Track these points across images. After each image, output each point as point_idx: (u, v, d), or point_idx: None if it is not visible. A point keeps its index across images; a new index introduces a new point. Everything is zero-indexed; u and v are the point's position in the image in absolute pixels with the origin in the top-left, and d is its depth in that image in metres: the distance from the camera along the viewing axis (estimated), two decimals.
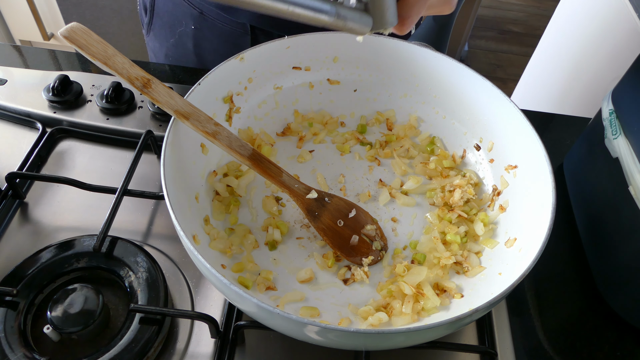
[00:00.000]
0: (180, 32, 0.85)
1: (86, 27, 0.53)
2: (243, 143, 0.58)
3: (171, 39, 0.88)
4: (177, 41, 0.88)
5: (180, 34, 0.86)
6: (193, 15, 0.82)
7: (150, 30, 0.92)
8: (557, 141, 0.84)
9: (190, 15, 0.82)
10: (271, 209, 0.64)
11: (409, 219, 0.65)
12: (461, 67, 0.65)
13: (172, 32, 0.87)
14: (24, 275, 0.55)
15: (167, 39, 0.89)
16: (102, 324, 0.53)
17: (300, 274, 0.58)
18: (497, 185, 0.64)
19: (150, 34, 0.93)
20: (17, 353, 0.50)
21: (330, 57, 0.69)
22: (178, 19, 0.85)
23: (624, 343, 0.61)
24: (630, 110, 0.61)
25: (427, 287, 0.56)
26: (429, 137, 0.72)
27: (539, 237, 0.50)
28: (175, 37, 0.87)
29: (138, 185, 0.67)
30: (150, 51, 0.97)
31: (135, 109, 0.76)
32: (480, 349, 0.57)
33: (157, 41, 0.92)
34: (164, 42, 0.90)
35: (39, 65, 0.87)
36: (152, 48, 0.96)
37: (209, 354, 0.55)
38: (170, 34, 0.88)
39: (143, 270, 0.57)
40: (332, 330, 0.43)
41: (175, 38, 0.87)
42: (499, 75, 2.58)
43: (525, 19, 2.91)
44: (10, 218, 0.65)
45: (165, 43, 0.90)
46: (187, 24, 0.84)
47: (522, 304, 0.63)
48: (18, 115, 0.75)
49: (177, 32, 0.86)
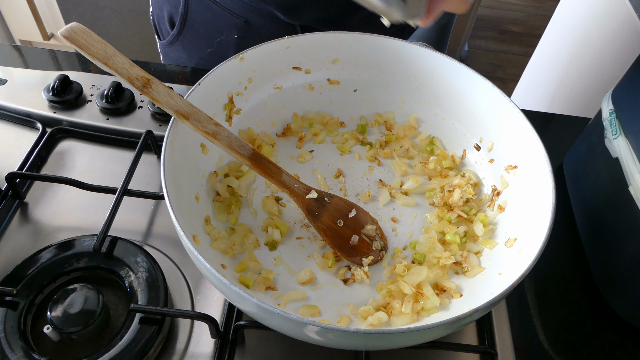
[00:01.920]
0: (220, 41, 0.85)
1: (86, 27, 0.53)
2: (243, 143, 0.58)
3: (208, 49, 0.87)
4: (214, 51, 0.87)
5: (219, 43, 0.85)
6: (237, 24, 0.82)
7: (176, 41, 0.90)
8: (557, 141, 0.84)
9: (234, 25, 0.82)
10: (271, 209, 0.64)
11: (409, 219, 0.65)
12: (461, 67, 0.64)
13: (208, 42, 0.86)
14: (24, 275, 0.55)
15: (201, 48, 0.88)
16: (102, 324, 0.53)
17: (300, 275, 0.58)
18: (496, 186, 0.64)
19: (176, 44, 0.91)
20: (17, 353, 0.50)
21: (330, 57, 0.69)
22: (218, 29, 0.84)
23: (624, 343, 0.61)
24: (630, 110, 0.61)
25: (427, 287, 0.56)
26: (429, 138, 0.72)
27: (539, 237, 0.50)
28: (214, 47, 0.86)
29: (138, 185, 0.67)
30: (171, 61, 0.96)
31: (135, 109, 0.76)
32: (480, 349, 0.57)
33: (186, 52, 0.91)
34: (197, 52, 0.89)
35: (39, 65, 0.87)
36: (175, 59, 0.94)
37: (209, 354, 0.55)
38: (206, 44, 0.87)
39: (143, 270, 0.57)
40: (332, 330, 0.43)
41: (212, 48, 0.87)
42: (499, 75, 2.58)
43: (525, 19, 2.91)
44: (10, 218, 0.65)
45: (198, 53, 0.89)
46: (229, 33, 0.83)
47: (522, 304, 0.63)
48: (18, 115, 0.75)
49: (216, 42, 0.85)
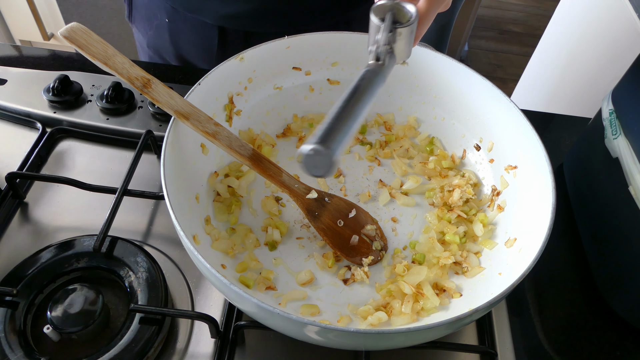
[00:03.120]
0: (157, 24, 0.87)
1: (86, 27, 0.53)
2: (243, 143, 0.58)
3: (149, 30, 0.90)
4: (155, 33, 0.89)
5: (157, 26, 0.88)
6: (166, 8, 0.84)
7: (132, 22, 0.94)
8: (557, 141, 0.84)
9: (164, 8, 0.84)
10: (271, 209, 0.64)
11: (409, 219, 0.65)
12: (461, 67, 0.64)
13: (149, 25, 0.89)
14: (24, 275, 0.55)
15: (146, 30, 0.91)
16: (102, 324, 0.53)
17: (300, 276, 0.58)
18: (496, 186, 0.64)
19: (133, 25, 0.95)
20: (17, 353, 0.50)
21: (330, 57, 0.69)
22: (153, 11, 0.86)
23: (624, 343, 0.61)
24: (630, 110, 0.61)
25: (426, 287, 0.56)
26: (428, 138, 0.72)
27: (539, 237, 0.50)
28: (153, 29, 0.89)
29: (138, 185, 0.67)
30: (137, 42, 0.99)
31: (135, 109, 0.76)
32: (480, 349, 0.57)
33: (139, 32, 0.94)
34: (145, 34, 0.92)
35: (39, 65, 0.87)
36: (137, 39, 0.98)
37: (209, 354, 0.55)
38: (148, 26, 0.90)
39: (143, 270, 0.57)
40: (332, 330, 0.43)
41: (153, 30, 0.89)
42: (499, 75, 2.58)
43: (525, 19, 2.91)
44: (10, 218, 0.65)
45: (145, 35, 0.92)
46: (161, 17, 0.86)
47: (522, 304, 0.63)
48: (18, 115, 0.75)
49: (154, 24, 0.88)
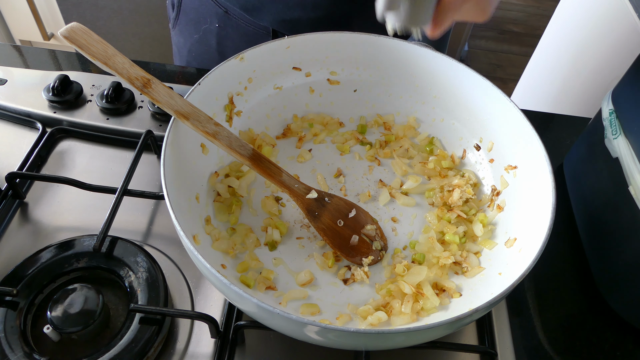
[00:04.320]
0: (205, 29, 0.87)
1: (86, 27, 0.53)
2: (243, 143, 0.58)
3: (195, 35, 0.90)
4: (201, 38, 0.89)
5: (205, 31, 0.87)
6: (218, 13, 0.84)
7: (176, 26, 0.94)
8: (557, 141, 0.84)
9: (216, 13, 0.84)
10: (271, 209, 0.64)
11: (409, 219, 0.65)
12: (461, 67, 0.64)
13: (196, 29, 0.89)
14: (24, 275, 0.55)
15: (191, 35, 0.91)
16: (102, 324, 0.53)
17: (300, 277, 0.58)
18: (496, 186, 0.64)
19: (175, 29, 0.95)
20: (17, 353, 0.50)
21: (330, 57, 0.69)
22: (203, 16, 0.86)
23: (624, 343, 0.61)
24: (630, 110, 0.61)
25: (426, 287, 0.56)
26: (428, 138, 0.72)
27: (539, 237, 0.50)
28: (200, 33, 0.89)
29: (138, 185, 0.67)
30: (175, 46, 0.99)
31: (135, 109, 0.76)
32: (480, 349, 0.57)
33: (182, 37, 0.93)
34: (189, 38, 0.92)
35: (39, 65, 0.87)
36: (176, 43, 0.97)
37: (209, 354, 0.55)
38: (194, 30, 0.89)
39: (143, 270, 0.57)
40: (332, 330, 0.43)
41: (199, 34, 0.89)
42: (499, 75, 2.57)
43: (525, 19, 2.91)
44: (10, 218, 0.65)
45: (189, 39, 0.92)
46: (211, 21, 0.86)
47: (522, 304, 0.63)
48: (18, 115, 0.75)
49: (202, 29, 0.88)
